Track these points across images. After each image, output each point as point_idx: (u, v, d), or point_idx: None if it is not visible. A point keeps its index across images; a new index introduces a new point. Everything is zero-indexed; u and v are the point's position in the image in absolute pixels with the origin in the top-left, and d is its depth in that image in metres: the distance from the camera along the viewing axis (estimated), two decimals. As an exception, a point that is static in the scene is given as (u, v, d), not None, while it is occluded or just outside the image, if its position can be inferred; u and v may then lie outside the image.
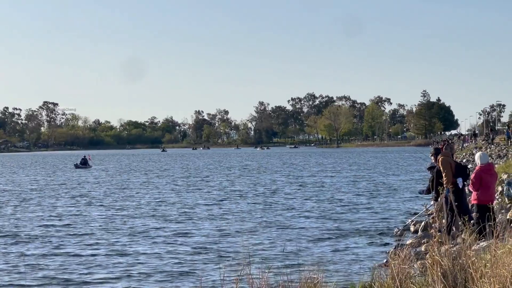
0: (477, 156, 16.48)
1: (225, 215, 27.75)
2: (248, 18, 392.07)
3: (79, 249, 19.52)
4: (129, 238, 21.71)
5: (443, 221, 16.81)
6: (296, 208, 30.13)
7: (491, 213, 14.66)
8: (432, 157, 18.84)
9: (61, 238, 21.98)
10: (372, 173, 60.41)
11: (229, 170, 73.42)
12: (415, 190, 37.69)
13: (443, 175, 17.21)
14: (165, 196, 38.25)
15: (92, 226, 24.86)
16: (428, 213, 23.55)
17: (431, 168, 18.54)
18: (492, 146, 71.81)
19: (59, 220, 27.20)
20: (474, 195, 16.03)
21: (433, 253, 9.17)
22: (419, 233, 19.40)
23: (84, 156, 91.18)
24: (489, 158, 18.54)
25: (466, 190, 17.72)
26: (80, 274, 15.85)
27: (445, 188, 16.81)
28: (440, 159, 17.53)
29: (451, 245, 9.64)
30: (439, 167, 17.54)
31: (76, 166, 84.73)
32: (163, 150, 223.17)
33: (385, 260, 15.49)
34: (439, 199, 16.82)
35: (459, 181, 17.25)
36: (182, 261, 17.20)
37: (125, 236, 22.11)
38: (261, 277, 8.29)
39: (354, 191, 40.13)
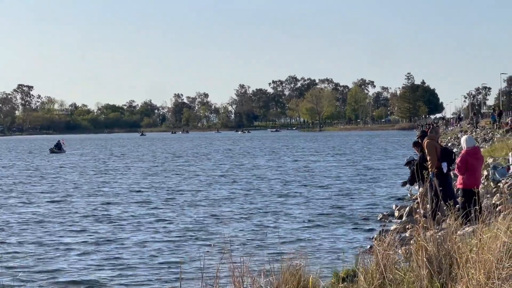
0: (463, 139, 16.55)
1: (206, 201, 27.75)
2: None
3: (57, 237, 19.46)
4: (108, 225, 21.68)
5: (428, 206, 16.87)
6: (278, 194, 30.16)
7: (476, 198, 14.73)
8: (414, 148, 18.84)
9: (40, 225, 21.90)
10: (356, 157, 60.54)
11: (211, 154, 73.29)
12: (400, 175, 37.86)
13: (428, 158, 17.26)
14: (144, 182, 38.17)
15: (69, 214, 24.77)
16: (413, 198, 23.67)
17: (409, 163, 18.63)
18: (477, 129, 72.16)
19: (36, 207, 27.08)
20: (459, 179, 16.11)
21: (418, 239, 9.19)
22: (403, 219, 19.51)
23: (58, 141, 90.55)
24: (475, 141, 18.58)
25: (452, 174, 17.80)
26: (58, 263, 15.79)
27: (430, 173, 16.87)
28: (426, 142, 17.56)
29: (436, 231, 9.64)
30: (424, 151, 17.57)
31: (51, 151, 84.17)
32: (142, 134, 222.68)
33: (369, 246, 15.56)
34: (424, 184, 16.86)
35: (444, 165, 17.30)
36: (162, 249, 17.18)
37: (103, 224, 22.08)
38: (242, 264, 8.29)
39: (337, 176, 40.21)
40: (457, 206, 14.64)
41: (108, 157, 71.54)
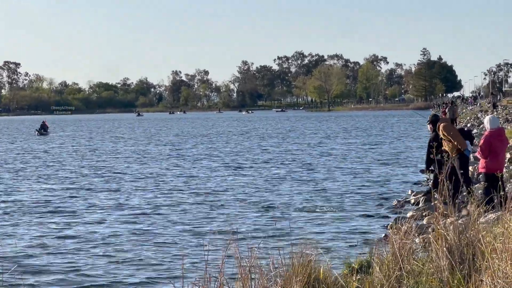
0: (487, 119, 16.50)
1: (210, 187, 27.67)
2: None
3: (40, 226, 19.48)
4: (104, 214, 21.71)
5: (447, 191, 16.84)
6: (287, 179, 30.11)
7: (500, 183, 14.70)
8: (429, 125, 18.80)
9: (25, 212, 21.94)
10: (368, 139, 60.49)
11: (215, 137, 73.30)
12: (417, 159, 37.83)
13: (451, 140, 17.20)
14: (147, 167, 38.07)
15: (57, 201, 24.79)
16: (431, 183, 23.65)
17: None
18: (495, 110, 71.93)
19: (19, 194, 27.11)
20: (482, 163, 16.06)
21: (437, 227, 9.17)
22: (420, 205, 19.49)
23: (43, 121, 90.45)
24: (500, 122, 18.55)
25: (471, 157, 17.80)
26: (41, 256, 15.77)
27: (450, 156, 16.85)
28: (442, 125, 17.51)
29: (457, 218, 9.63)
30: (442, 135, 17.52)
31: (39, 133, 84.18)
32: (139, 115, 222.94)
33: (383, 235, 15.57)
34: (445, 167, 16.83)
35: (469, 146, 17.29)
36: (163, 239, 17.16)
37: (99, 213, 22.10)
38: (250, 255, 8.27)
39: (349, 159, 40.15)
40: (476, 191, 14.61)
41: (102, 140, 71.54)
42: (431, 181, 18.90)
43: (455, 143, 17.26)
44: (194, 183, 29.43)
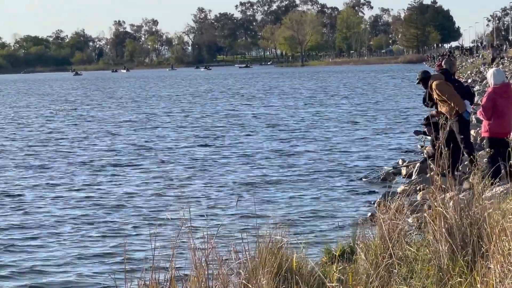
0: (490, 73, 16.44)
1: (167, 162, 27.51)
2: None
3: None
4: (35, 195, 21.56)
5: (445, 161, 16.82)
6: (254, 147, 30.06)
7: (509, 149, 14.65)
8: (420, 85, 18.73)
9: None
10: (351, 100, 60.62)
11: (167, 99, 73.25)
12: (410, 122, 38.01)
13: (447, 100, 17.17)
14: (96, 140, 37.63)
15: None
16: (425, 150, 23.69)
17: (428, 125, 18.44)
18: (493, 65, 72.26)
19: None
20: (485, 125, 16.02)
21: (435, 203, 9.10)
22: (413, 177, 19.51)
23: None
24: (505, 76, 18.52)
25: (473, 119, 17.80)
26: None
27: (448, 118, 16.79)
28: (435, 84, 17.43)
29: (457, 193, 9.56)
30: (435, 96, 17.47)
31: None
32: (76, 74, 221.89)
33: (369, 214, 15.57)
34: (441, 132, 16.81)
35: (468, 105, 17.24)
36: (103, 225, 17.10)
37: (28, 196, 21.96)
38: (206, 245, 8.14)
39: (328, 123, 40.17)
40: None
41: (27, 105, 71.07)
42: (427, 147, 18.89)
43: (452, 104, 17.21)
44: (143, 156, 29.34)
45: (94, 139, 35.78)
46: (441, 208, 8.94)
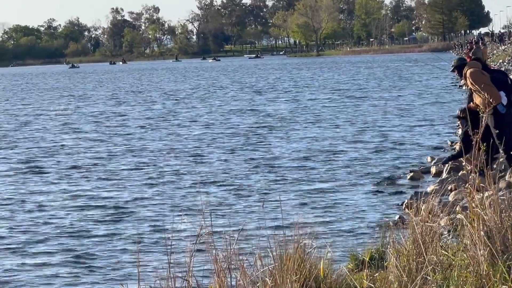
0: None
1: (182, 163, 27.57)
2: None
3: None
4: (40, 200, 21.72)
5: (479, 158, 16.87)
6: (276, 147, 30.02)
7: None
8: (456, 73, 18.76)
9: None
10: (375, 93, 60.42)
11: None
12: (438, 116, 37.97)
13: (481, 91, 17.17)
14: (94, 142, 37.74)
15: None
16: (453, 146, 23.73)
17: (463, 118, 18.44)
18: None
19: None
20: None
21: (472, 205, 9.13)
22: (443, 176, 19.51)
23: None
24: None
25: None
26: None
27: (485, 111, 16.83)
28: (469, 72, 17.43)
29: (496, 193, 9.59)
30: (469, 85, 17.49)
31: None
32: (73, 66, 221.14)
33: (397, 217, 15.61)
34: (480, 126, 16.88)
35: (503, 97, 17.22)
36: (120, 225, 17.22)
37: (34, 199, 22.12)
38: (229, 248, 8.19)
39: (351, 121, 39.99)
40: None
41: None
42: (459, 141, 18.90)
43: (485, 94, 17.19)
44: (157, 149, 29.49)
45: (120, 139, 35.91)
46: (479, 209, 8.98)
